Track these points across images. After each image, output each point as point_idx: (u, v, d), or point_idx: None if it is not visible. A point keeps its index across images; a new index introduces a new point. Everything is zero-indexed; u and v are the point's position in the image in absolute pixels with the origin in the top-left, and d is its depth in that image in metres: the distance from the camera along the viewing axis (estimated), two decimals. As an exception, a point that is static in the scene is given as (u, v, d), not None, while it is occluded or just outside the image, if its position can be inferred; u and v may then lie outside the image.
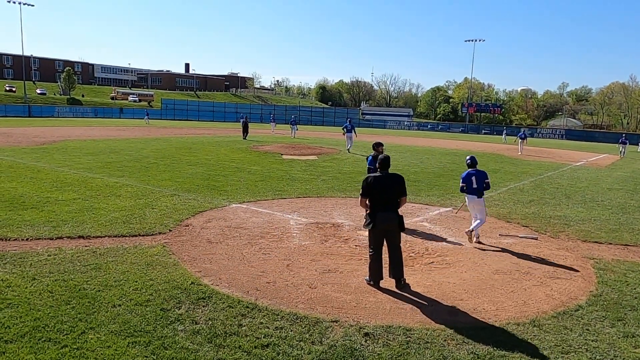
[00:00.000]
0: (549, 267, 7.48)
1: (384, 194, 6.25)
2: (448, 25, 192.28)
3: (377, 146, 9.29)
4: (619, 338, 5.12)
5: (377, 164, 6.53)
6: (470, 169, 8.74)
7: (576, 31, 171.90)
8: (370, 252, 6.42)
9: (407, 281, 6.43)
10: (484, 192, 8.67)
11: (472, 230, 8.50)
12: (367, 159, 9.67)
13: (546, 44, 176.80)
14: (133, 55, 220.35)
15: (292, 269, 6.89)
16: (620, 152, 33.97)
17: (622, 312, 5.80)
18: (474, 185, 8.56)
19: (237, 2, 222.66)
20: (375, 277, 6.35)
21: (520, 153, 30.92)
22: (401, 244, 6.47)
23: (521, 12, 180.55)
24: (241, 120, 34.86)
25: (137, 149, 23.42)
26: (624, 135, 38.07)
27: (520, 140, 32.80)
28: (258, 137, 36.68)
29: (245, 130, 33.63)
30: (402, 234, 6.60)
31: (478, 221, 8.60)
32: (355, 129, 27.75)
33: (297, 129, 39.33)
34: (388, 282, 6.45)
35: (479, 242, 8.62)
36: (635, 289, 6.62)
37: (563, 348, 4.85)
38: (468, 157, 8.94)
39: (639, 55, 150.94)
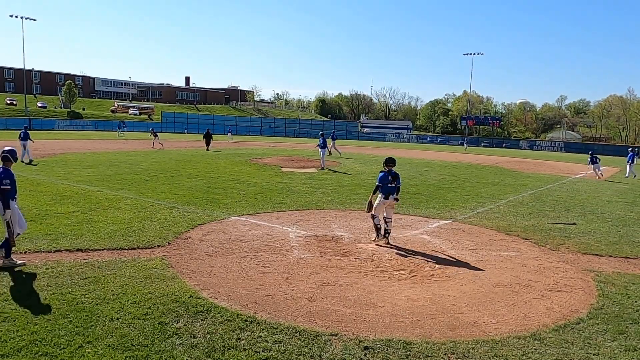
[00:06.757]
0: (550, 280, 7.45)
1: None
2: (447, 38, 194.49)
3: (388, 163, 9.13)
4: (620, 352, 5.07)
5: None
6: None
7: (574, 45, 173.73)
8: None
9: (406, 294, 6.38)
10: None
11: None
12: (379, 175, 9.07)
13: (544, 57, 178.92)
14: (134, 69, 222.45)
15: (291, 282, 6.85)
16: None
17: (624, 325, 5.76)
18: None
19: (237, 17, 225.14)
20: None
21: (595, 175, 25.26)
22: (404, 259, 6.15)
23: (519, 26, 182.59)
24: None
25: (137, 161, 23.45)
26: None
27: (592, 165, 25.27)
28: (257, 150, 36.72)
29: (207, 140, 35.75)
30: (403, 248, 6.39)
31: None
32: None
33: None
34: (384, 294, 6.40)
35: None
36: (636, 301, 6.58)
37: (564, 362, 4.81)
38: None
39: (637, 68, 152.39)
